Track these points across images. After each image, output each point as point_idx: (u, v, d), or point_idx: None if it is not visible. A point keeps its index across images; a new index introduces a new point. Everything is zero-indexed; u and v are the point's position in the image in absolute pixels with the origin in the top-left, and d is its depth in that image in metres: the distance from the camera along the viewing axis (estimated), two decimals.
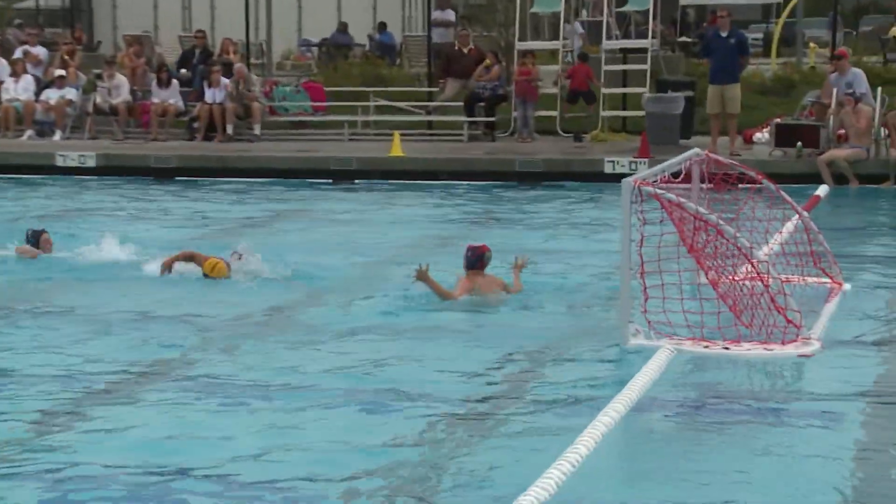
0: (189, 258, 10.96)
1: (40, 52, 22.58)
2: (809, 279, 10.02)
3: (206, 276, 10.72)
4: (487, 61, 20.21)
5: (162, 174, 18.63)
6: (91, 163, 19.00)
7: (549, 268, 11.34)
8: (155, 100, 21.03)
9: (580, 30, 23.59)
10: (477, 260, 9.97)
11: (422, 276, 9.66)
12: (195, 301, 10.11)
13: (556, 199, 16.46)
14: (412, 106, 21.31)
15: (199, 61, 21.82)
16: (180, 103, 21.08)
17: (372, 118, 21.02)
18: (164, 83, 21.02)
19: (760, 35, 34.41)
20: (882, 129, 17.15)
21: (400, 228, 14.09)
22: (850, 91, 16.95)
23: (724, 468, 6.31)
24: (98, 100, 21.06)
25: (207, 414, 7.20)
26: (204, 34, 23.26)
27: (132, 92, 21.25)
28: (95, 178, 18.52)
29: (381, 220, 14.79)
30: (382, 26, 27.32)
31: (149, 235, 13.16)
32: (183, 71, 21.90)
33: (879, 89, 17.57)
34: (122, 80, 21.16)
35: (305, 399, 7.40)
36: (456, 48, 21.07)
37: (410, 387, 7.62)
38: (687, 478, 6.22)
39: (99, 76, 21.53)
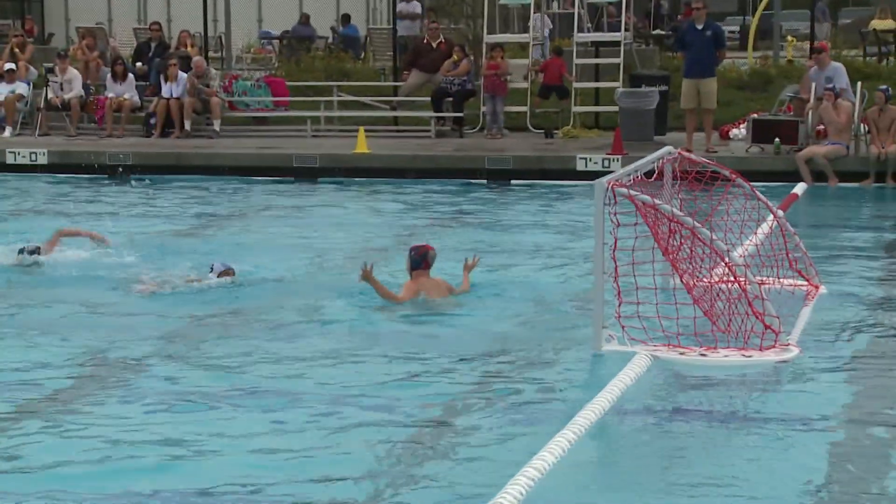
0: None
1: None
2: (786, 282, 9.86)
3: None
4: (455, 56, 19.71)
5: (117, 171, 18.17)
6: (43, 160, 18.64)
7: (520, 269, 11.26)
8: (110, 94, 20.52)
9: (549, 24, 23.10)
10: (421, 259, 9.79)
11: (366, 276, 9.52)
12: (148, 304, 9.89)
13: (527, 198, 16.25)
14: (377, 101, 20.87)
15: (155, 55, 21.42)
16: (136, 98, 20.59)
17: (336, 114, 20.65)
18: (119, 77, 20.54)
19: (737, 28, 34.23)
20: (862, 125, 16.75)
21: (364, 228, 13.98)
22: (830, 86, 16.58)
23: (700, 475, 6.27)
24: (50, 95, 20.58)
25: (158, 422, 7.08)
26: (160, 26, 22.83)
27: (85, 86, 20.79)
28: (48, 175, 18.15)
29: (345, 220, 14.63)
30: (346, 18, 26.97)
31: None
32: (138, 65, 21.45)
33: (859, 84, 17.29)
34: (74, 74, 20.68)
35: (263, 406, 7.31)
36: (425, 41, 20.57)
37: (375, 393, 7.57)
38: (660, 485, 6.17)
39: (51, 70, 21.02)
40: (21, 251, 11.23)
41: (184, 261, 11.10)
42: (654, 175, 9.21)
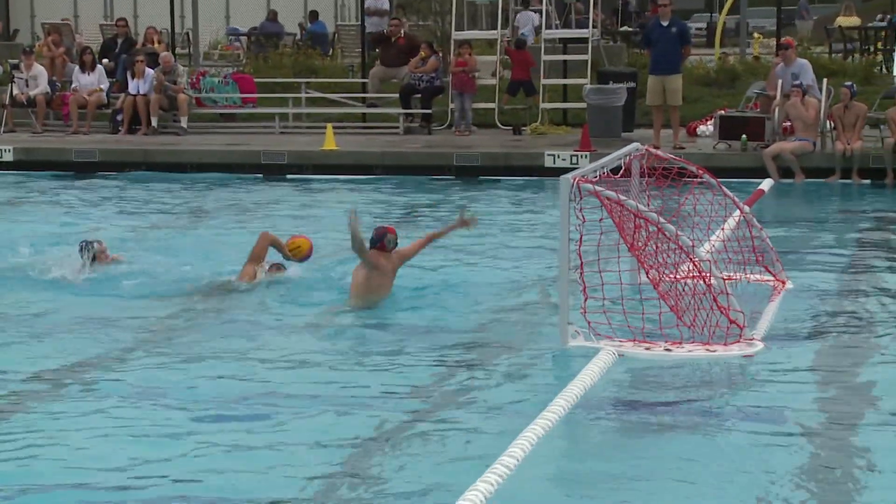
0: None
1: None
2: (752, 277, 9.89)
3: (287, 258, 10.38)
4: (423, 52, 19.68)
5: (84, 168, 18.12)
6: (9, 157, 18.50)
7: (487, 265, 11.24)
8: (75, 85, 20.27)
9: (535, 20, 22.97)
10: (378, 240, 9.75)
11: (352, 219, 9.47)
12: (104, 304, 9.79)
13: (495, 194, 16.23)
14: (346, 98, 20.81)
15: (121, 51, 21.26)
16: (104, 94, 20.39)
17: (304, 110, 20.55)
18: (87, 67, 20.33)
19: (704, 25, 34.39)
20: (828, 121, 16.83)
21: (332, 224, 13.76)
22: (797, 82, 16.65)
23: (666, 470, 6.28)
24: (15, 91, 20.42)
25: (112, 426, 7.01)
26: (126, 22, 22.67)
27: (51, 83, 20.66)
28: (13, 172, 18.00)
29: (313, 217, 14.51)
30: (314, 15, 26.86)
31: (70, 233, 12.76)
32: (105, 61, 21.26)
33: (825, 81, 17.30)
34: (40, 70, 20.54)
35: (228, 406, 7.27)
36: (385, 33, 20.51)
37: (340, 390, 7.55)
38: (627, 481, 6.18)
39: (16, 66, 20.83)
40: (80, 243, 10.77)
41: (155, 256, 11.08)
42: (622, 171, 9.24)
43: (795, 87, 16.58)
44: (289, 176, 17.68)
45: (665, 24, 17.33)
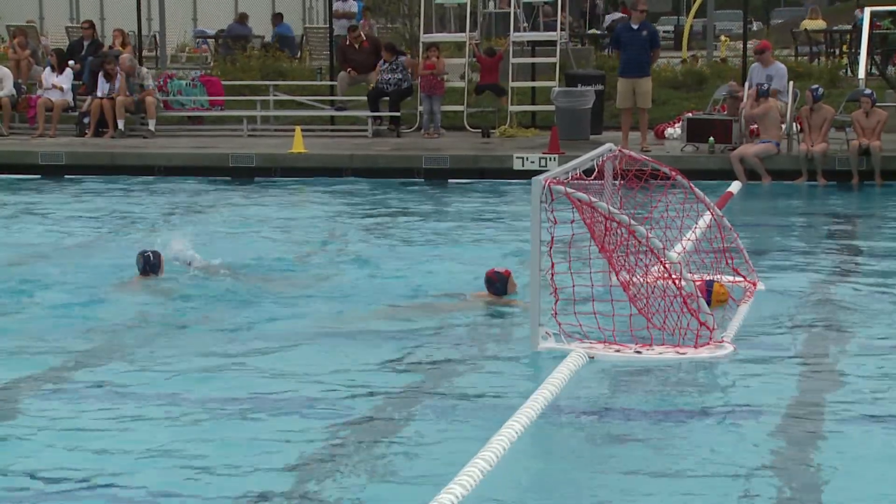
0: None
1: None
2: (723, 279, 9.87)
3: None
4: (385, 55, 19.63)
5: (50, 171, 17.99)
6: None
7: (457, 268, 11.19)
8: (46, 83, 20.14)
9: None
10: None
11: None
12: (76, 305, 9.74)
13: (464, 197, 16.22)
14: (314, 100, 20.78)
15: (87, 53, 21.10)
16: (69, 96, 20.23)
17: (272, 113, 20.48)
18: (57, 69, 20.17)
19: (671, 28, 34.58)
20: (794, 124, 16.94)
21: (301, 228, 13.85)
22: (760, 83, 16.74)
23: (636, 474, 6.25)
24: None
25: (98, 424, 6.98)
26: (92, 25, 22.49)
27: (17, 85, 20.49)
28: None
29: (283, 220, 14.47)
30: (278, 17, 26.80)
31: (36, 237, 12.91)
32: (71, 63, 21.07)
33: (791, 83, 17.43)
34: (5, 72, 20.40)
35: (203, 407, 7.26)
36: (347, 43, 20.50)
37: (311, 393, 7.54)
38: (597, 485, 6.18)
39: None
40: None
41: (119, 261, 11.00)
42: (595, 173, 9.24)
43: (758, 85, 16.67)
44: (258, 179, 17.61)
45: (635, 27, 17.42)
